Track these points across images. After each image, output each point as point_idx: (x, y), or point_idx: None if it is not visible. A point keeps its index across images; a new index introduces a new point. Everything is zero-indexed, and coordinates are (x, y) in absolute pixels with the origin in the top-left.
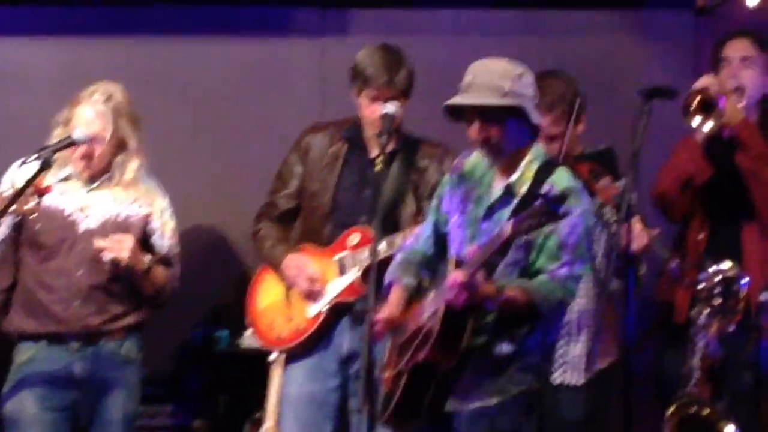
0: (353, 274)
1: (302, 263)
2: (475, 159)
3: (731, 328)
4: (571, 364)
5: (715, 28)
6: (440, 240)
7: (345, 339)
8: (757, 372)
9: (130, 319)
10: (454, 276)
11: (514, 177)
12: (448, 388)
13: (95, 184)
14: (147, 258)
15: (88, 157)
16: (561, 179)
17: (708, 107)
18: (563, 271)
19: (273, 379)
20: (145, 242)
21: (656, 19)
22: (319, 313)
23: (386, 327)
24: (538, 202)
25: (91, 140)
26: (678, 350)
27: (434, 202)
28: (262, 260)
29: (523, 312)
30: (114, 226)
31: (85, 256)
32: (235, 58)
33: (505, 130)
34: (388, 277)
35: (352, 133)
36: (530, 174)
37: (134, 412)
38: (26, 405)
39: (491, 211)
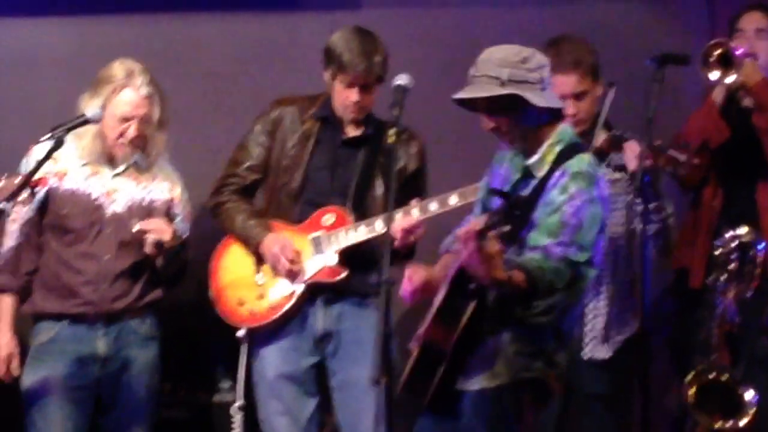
0: (330, 254)
1: (285, 243)
2: None
3: (749, 294)
4: (598, 338)
5: None
6: None
7: (318, 319)
8: None
9: (150, 298)
10: (467, 226)
11: (534, 159)
12: (460, 367)
13: (120, 169)
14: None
15: (139, 138)
16: (576, 163)
17: (726, 62)
18: (558, 250)
19: (241, 357)
20: None
21: None
22: (294, 291)
23: (418, 291)
24: (502, 203)
25: (143, 122)
26: (694, 316)
27: (485, 179)
28: (231, 233)
29: (522, 292)
30: (140, 210)
31: (112, 240)
32: (245, 34)
33: (513, 118)
34: (442, 248)
35: (326, 111)
36: (551, 156)
37: (156, 388)
38: (51, 385)
39: (513, 191)
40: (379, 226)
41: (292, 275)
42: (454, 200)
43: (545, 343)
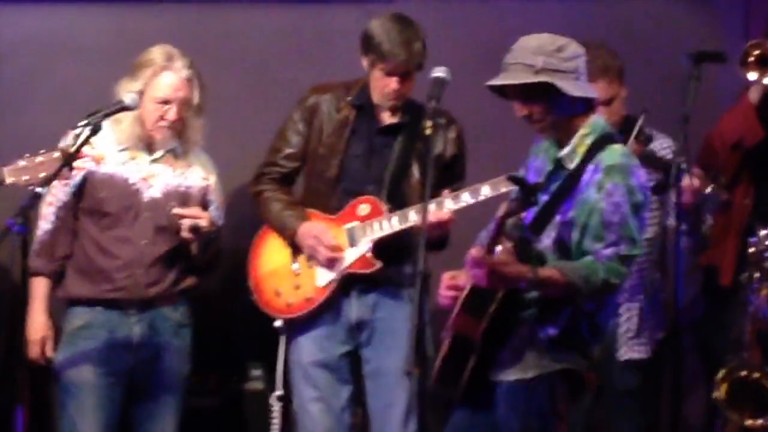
0: (364, 245)
1: (320, 232)
2: None
3: None
4: (633, 339)
5: None
6: None
7: (353, 308)
8: None
9: (184, 285)
10: (470, 252)
11: (565, 150)
12: (493, 358)
13: (158, 155)
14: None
15: (179, 122)
16: (609, 156)
17: (765, 62)
18: (609, 251)
19: (280, 347)
20: None
21: None
22: (330, 283)
23: (453, 296)
24: (517, 191)
25: (182, 105)
26: (723, 314)
27: (521, 171)
28: (267, 223)
29: (564, 292)
30: (176, 196)
31: (149, 225)
32: (280, 25)
33: (546, 106)
34: (476, 243)
35: (362, 99)
36: (583, 148)
37: (187, 375)
38: (84, 371)
39: (547, 183)
40: (412, 217)
41: (332, 263)
42: (486, 191)
43: (580, 335)
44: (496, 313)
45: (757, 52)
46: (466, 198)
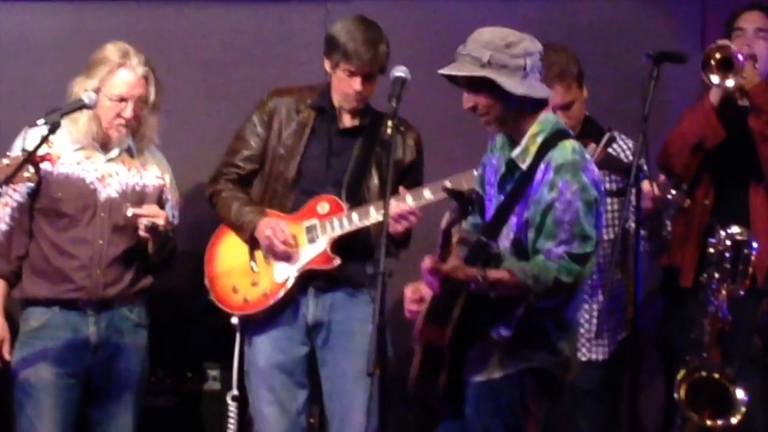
0: (323, 242)
1: (276, 225)
2: None
3: (741, 293)
4: (595, 341)
5: None
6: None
7: (309, 308)
8: (766, 336)
9: (141, 285)
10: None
11: (517, 151)
12: (463, 360)
13: (113, 154)
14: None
15: (135, 119)
16: (559, 154)
17: (727, 65)
18: (559, 249)
19: (236, 346)
20: None
21: None
22: (288, 278)
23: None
24: (456, 203)
25: (139, 102)
26: (684, 314)
27: (479, 170)
28: (225, 221)
29: (516, 292)
30: (133, 195)
31: (106, 225)
32: (238, 24)
33: (490, 100)
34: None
35: (323, 102)
36: (534, 147)
37: (145, 376)
38: (41, 371)
39: (502, 184)
40: (372, 213)
41: (288, 256)
42: (446, 185)
43: (545, 332)
44: (459, 319)
45: (719, 55)
46: (427, 194)
